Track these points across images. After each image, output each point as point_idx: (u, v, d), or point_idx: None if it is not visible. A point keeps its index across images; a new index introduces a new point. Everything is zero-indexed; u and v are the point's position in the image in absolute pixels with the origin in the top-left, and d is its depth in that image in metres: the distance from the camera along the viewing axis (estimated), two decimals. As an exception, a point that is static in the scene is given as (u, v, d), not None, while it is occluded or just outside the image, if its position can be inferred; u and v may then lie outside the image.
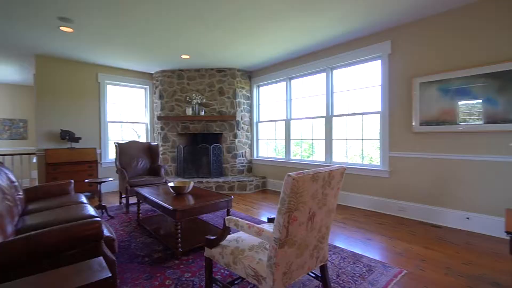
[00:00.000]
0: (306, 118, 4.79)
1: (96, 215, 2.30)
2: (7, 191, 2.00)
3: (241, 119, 5.58)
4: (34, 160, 5.40)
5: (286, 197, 1.38)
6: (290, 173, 1.38)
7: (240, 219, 1.66)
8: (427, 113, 3.26)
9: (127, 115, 5.81)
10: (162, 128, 5.61)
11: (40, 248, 1.43)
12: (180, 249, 2.43)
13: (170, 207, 2.44)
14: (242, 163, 5.64)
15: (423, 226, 3.13)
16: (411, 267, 2.21)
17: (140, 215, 3.38)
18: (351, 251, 2.52)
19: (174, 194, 2.96)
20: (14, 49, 4.31)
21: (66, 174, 4.55)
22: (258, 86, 5.79)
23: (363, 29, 3.62)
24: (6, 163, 6.16)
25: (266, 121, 5.62)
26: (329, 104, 4.36)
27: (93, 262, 1.37)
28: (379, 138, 3.82)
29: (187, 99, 5.50)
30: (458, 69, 3.01)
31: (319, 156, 4.73)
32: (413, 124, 3.37)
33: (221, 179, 5.12)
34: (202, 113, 5.40)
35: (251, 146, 5.83)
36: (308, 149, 5.05)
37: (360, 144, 4.14)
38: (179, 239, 2.44)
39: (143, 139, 6.05)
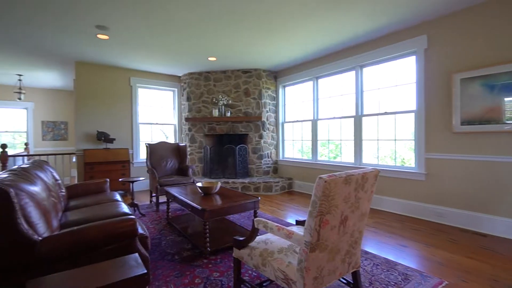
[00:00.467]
0: (334, 118, 4.66)
1: (130, 213, 2.40)
2: (52, 188, 2.16)
3: (267, 119, 5.57)
4: (74, 160, 5.81)
5: (318, 200, 1.34)
6: (321, 176, 1.34)
7: (269, 221, 1.64)
8: (469, 111, 3.01)
9: (156, 117, 6.05)
10: (189, 129, 5.77)
11: (82, 242, 1.52)
12: (208, 248, 2.47)
13: (199, 207, 2.48)
14: (268, 164, 5.62)
15: (465, 234, 2.89)
16: (453, 278, 2.04)
17: (170, 213, 3.49)
18: (384, 258, 2.39)
19: (202, 194, 3.01)
20: (57, 57, 4.67)
21: (102, 173, 4.83)
22: (284, 86, 5.74)
23: (397, 23, 3.44)
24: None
25: (292, 122, 5.55)
26: (359, 103, 4.20)
27: (130, 258, 1.43)
28: (413, 138, 3.60)
29: (214, 100, 5.60)
30: (505, 62, 2.75)
31: (347, 157, 4.57)
32: (453, 123, 3.13)
33: (246, 180, 5.14)
34: (228, 114, 5.46)
35: (276, 147, 5.79)
36: (334, 150, 4.91)
37: (391, 145, 3.93)
38: (207, 239, 2.48)
39: (171, 140, 6.26)
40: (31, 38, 3.79)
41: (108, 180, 3.38)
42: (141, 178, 3.81)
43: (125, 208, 2.48)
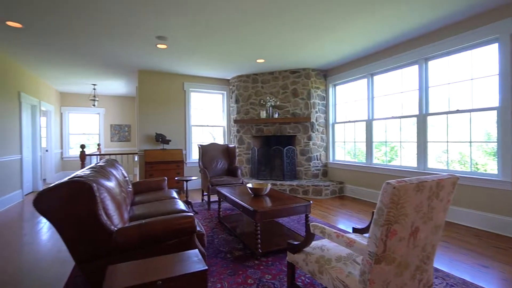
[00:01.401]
0: (392, 117, 4.27)
1: (187, 210, 2.53)
2: (122, 184, 2.39)
3: (316, 120, 5.40)
4: (136, 159, 6.43)
5: (385, 207, 1.22)
6: (389, 181, 1.22)
7: (326, 227, 1.56)
8: None
9: (206, 119, 6.34)
10: (237, 131, 5.91)
11: (148, 235, 1.64)
12: (259, 250, 2.46)
13: (251, 208, 2.50)
14: (317, 166, 5.43)
15: None
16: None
17: (221, 212, 3.60)
18: (460, 278, 2.08)
19: (252, 195, 3.03)
20: (124, 67, 5.22)
21: (159, 171, 5.23)
22: (335, 85, 5.50)
23: (471, 7, 3.01)
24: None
25: (344, 122, 5.28)
26: (423, 101, 3.78)
27: (191, 254, 1.49)
28: (496, 140, 3.09)
29: (261, 102, 5.64)
30: None
31: (406, 160, 4.16)
32: (549, 122, 2.60)
33: (295, 182, 5.05)
34: (276, 116, 5.45)
35: (326, 149, 5.57)
36: (389, 152, 4.51)
37: (462, 148, 3.45)
38: (259, 240, 2.48)
39: (219, 142, 6.49)
40: (103, 52, 4.30)
41: (166, 178, 3.63)
42: (194, 178, 4.01)
43: (181, 205, 2.63)
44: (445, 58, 3.57)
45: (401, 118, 4.15)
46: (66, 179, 1.48)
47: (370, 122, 4.63)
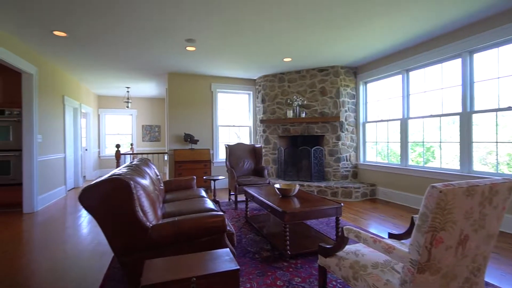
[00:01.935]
0: (431, 116, 3.99)
1: (216, 209, 2.56)
2: (155, 183, 2.48)
3: (345, 119, 5.21)
4: (166, 158, 6.68)
5: (429, 213, 1.13)
6: (435, 184, 1.13)
7: (362, 231, 1.48)
8: None
9: (233, 119, 6.40)
10: (264, 131, 5.90)
11: (181, 232, 1.68)
12: (288, 251, 2.42)
13: (279, 209, 2.47)
14: (346, 167, 5.25)
15: None
16: None
17: (248, 212, 3.60)
18: (513, 293, 1.88)
19: (280, 196, 2.99)
20: (155, 70, 5.44)
21: (188, 170, 5.38)
22: (365, 83, 5.27)
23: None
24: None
25: (375, 121, 5.04)
26: (467, 97, 3.48)
27: (223, 252, 1.50)
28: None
29: (288, 101, 5.57)
30: None
31: (443, 162, 3.85)
32: None
33: (323, 184, 4.92)
34: (303, 115, 5.35)
35: (356, 149, 5.36)
36: (425, 153, 4.21)
37: (510, 149, 3.12)
38: (288, 242, 2.44)
39: (245, 141, 6.52)
40: (137, 57, 4.52)
41: (195, 177, 3.72)
42: (222, 177, 4.06)
43: (210, 204, 2.66)
44: (493, 50, 3.26)
45: (440, 117, 3.85)
46: (106, 176, 1.56)
47: (405, 121, 4.37)
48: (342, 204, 2.68)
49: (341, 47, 4.19)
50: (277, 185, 3.09)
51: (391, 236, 1.97)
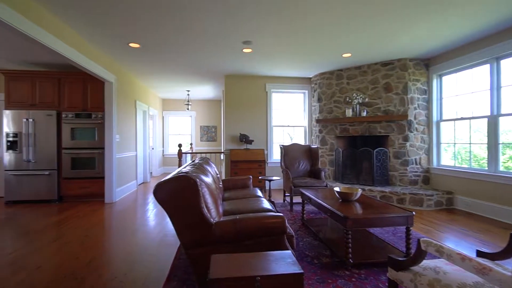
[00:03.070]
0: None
1: (273, 209, 2.52)
2: (216, 181, 2.57)
3: (415, 118, 4.66)
4: (222, 158, 6.96)
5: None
6: None
7: (445, 245, 1.27)
8: None
9: (287, 119, 6.32)
10: (320, 131, 5.67)
11: (242, 230, 1.69)
12: (350, 259, 2.25)
13: (341, 214, 2.31)
14: (416, 171, 4.68)
15: None
16: None
17: (304, 215, 3.48)
18: None
19: (340, 200, 2.82)
20: (213, 73, 5.71)
21: (243, 170, 5.49)
22: (440, 76, 4.63)
23: None
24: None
25: (453, 119, 4.37)
26: None
27: (284, 254, 1.45)
28: None
29: (347, 99, 5.25)
30: None
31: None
32: None
33: (387, 189, 4.48)
34: (364, 114, 4.97)
35: (428, 151, 4.74)
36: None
37: None
38: (350, 249, 2.27)
39: (300, 142, 6.36)
40: (197, 61, 4.80)
41: (251, 177, 3.76)
42: (277, 178, 4.02)
43: (267, 204, 2.63)
44: None
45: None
46: (174, 173, 1.67)
47: (495, 119, 3.66)
48: (413, 212, 2.38)
49: (411, 37, 3.74)
50: (336, 188, 2.92)
51: (480, 254, 1.66)
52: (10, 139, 4.65)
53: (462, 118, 4.20)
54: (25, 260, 2.43)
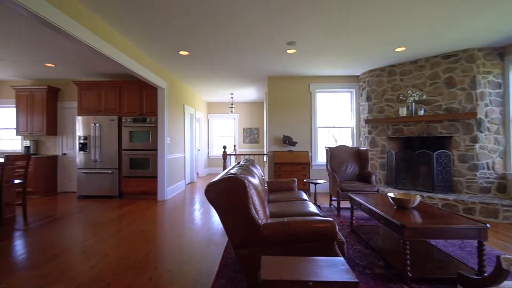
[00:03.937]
0: None
1: (320, 214, 2.42)
2: (262, 183, 2.56)
3: (485, 116, 4.06)
4: (265, 159, 6.97)
5: None
6: None
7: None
8: None
9: (332, 120, 6.06)
10: (369, 132, 5.31)
11: (291, 233, 1.65)
12: (409, 273, 2.04)
13: (397, 222, 2.11)
14: (488, 178, 4.06)
15: None
16: None
17: (353, 221, 3.28)
18: None
19: (395, 207, 2.58)
20: (256, 76, 5.76)
21: (287, 172, 5.42)
22: (518, 67, 3.97)
23: None
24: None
25: (534, 117, 3.71)
26: None
27: (337, 261, 1.37)
28: None
29: (400, 97, 4.83)
30: None
31: None
32: None
33: (450, 197, 3.98)
34: (421, 113, 4.50)
35: (504, 155, 4.08)
36: None
37: None
38: (408, 262, 2.05)
39: (346, 143, 6.04)
40: (241, 64, 4.89)
41: (296, 179, 3.68)
42: (323, 181, 3.87)
43: (314, 208, 2.53)
44: None
45: None
46: (223, 174, 1.70)
47: None
48: (488, 225, 2.06)
49: (480, 23, 3.27)
50: (390, 194, 2.68)
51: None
52: (82, 141, 5.32)
53: (550, 115, 3.53)
54: (94, 248, 2.73)
